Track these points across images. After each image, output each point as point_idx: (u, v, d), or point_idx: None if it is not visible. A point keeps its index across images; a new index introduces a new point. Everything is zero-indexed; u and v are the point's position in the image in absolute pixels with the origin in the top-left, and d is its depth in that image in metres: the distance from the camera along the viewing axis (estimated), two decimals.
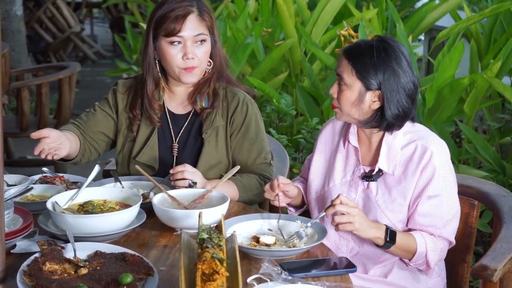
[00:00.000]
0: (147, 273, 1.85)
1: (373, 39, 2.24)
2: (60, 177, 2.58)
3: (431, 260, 2.23)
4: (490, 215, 3.60)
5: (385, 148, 2.26)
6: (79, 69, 5.40)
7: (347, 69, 2.21)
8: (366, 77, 2.18)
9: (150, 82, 2.60)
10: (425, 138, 2.25)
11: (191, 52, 2.51)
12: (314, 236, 2.14)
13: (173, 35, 2.50)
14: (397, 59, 2.19)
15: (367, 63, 2.18)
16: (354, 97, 2.21)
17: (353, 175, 2.33)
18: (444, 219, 2.22)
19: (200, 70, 2.56)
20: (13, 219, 2.12)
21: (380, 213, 2.25)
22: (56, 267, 1.85)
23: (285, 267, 1.92)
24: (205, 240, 1.77)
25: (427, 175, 2.20)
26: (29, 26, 9.42)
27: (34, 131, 4.79)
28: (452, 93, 3.50)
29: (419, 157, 2.22)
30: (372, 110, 2.22)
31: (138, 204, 2.17)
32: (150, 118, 2.62)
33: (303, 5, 4.74)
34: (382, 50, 2.19)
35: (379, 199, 2.26)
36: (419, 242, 2.20)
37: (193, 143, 2.62)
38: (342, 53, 2.26)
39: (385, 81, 2.18)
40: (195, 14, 2.51)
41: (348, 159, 2.36)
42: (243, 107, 2.61)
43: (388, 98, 2.19)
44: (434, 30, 5.85)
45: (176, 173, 2.41)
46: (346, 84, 2.21)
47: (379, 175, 2.26)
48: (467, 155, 3.93)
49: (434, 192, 2.21)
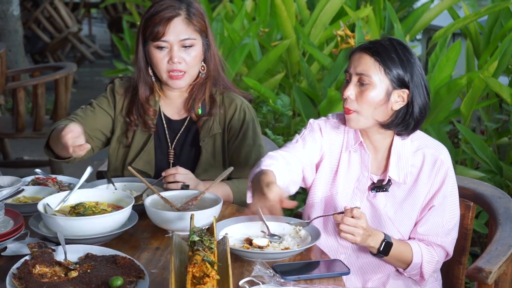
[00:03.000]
0: (137, 276, 1.83)
1: (383, 38, 2.18)
2: (52, 179, 2.56)
3: (426, 272, 2.20)
4: (486, 216, 3.59)
5: (394, 156, 2.19)
6: (76, 69, 5.38)
7: (374, 67, 2.10)
8: (397, 75, 2.10)
9: (142, 87, 2.55)
10: (432, 146, 2.21)
11: (177, 56, 2.44)
12: (307, 238, 2.11)
13: (158, 39, 2.44)
14: (414, 56, 2.16)
15: (396, 60, 2.10)
16: (380, 97, 2.11)
17: (358, 182, 2.25)
18: (446, 227, 2.20)
19: (189, 75, 2.50)
20: (3, 221, 2.10)
21: (391, 227, 2.20)
22: (46, 270, 1.83)
23: (277, 270, 1.90)
24: (196, 242, 1.76)
25: (437, 184, 2.18)
26: (26, 26, 9.39)
27: (30, 132, 4.75)
28: (450, 93, 3.48)
29: (431, 167, 2.17)
30: (393, 111, 2.14)
31: (130, 206, 2.14)
32: (145, 124, 2.58)
33: (303, 5, 4.72)
34: (402, 46, 2.13)
35: (388, 211, 2.20)
36: (415, 253, 2.17)
37: (189, 150, 2.59)
38: (361, 51, 2.14)
39: (413, 78, 2.11)
40: (182, 18, 2.45)
41: (355, 165, 2.25)
42: (240, 113, 2.57)
43: (415, 96, 2.12)
44: (431, 30, 5.85)
45: (168, 175, 2.39)
46: (372, 84, 2.11)
47: (389, 185, 2.19)
48: (464, 156, 3.92)
49: (440, 200, 2.18)
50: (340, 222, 2.02)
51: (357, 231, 2.02)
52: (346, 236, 2.04)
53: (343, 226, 2.02)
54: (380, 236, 2.12)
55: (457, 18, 4.72)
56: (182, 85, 2.51)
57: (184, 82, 2.50)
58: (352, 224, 2.01)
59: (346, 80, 2.19)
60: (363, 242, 2.07)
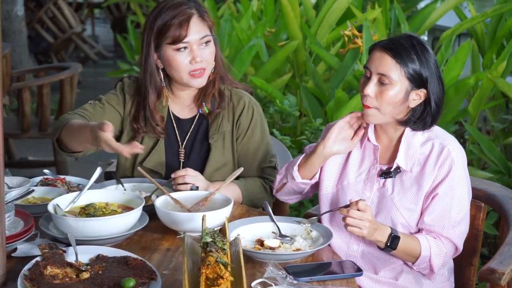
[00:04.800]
0: (149, 277, 1.82)
1: (403, 35, 2.20)
2: (61, 179, 2.56)
3: (435, 265, 2.19)
4: (495, 216, 3.58)
5: (404, 145, 2.22)
6: (81, 69, 5.37)
7: (396, 68, 2.13)
8: (416, 76, 2.13)
9: (152, 92, 2.53)
10: (442, 137, 2.22)
11: (199, 55, 2.45)
12: (319, 239, 2.11)
13: (179, 41, 2.44)
14: (431, 53, 2.18)
15: (415, 60, 2.13)
16: (400, 96, 2.15)
17: (369, 173, 2.28)
18: (453, 219, 2.19)
19: (208, 72, 2.51)
20: (14, 222, 2.10)
21: (395, 211, 2.21)
22: (58, 271, 1.82)
23: (290, 271, 1.89)
24: (209, 244, 1.75)
25: (443, 172, 2.17)
26: (30, 26, 9.39)
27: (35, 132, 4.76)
28: (458, 93, 3.47)
29: (437, 155, 2.18)
30: (409, 108, 2.18)
31: (141, 206, 2.14)
32: (154, 130, 2.56)
33: (309, 6, 4.71)
34: (422, 46, 2.16)
35: (394, 197, 2.22)
36: (423, 246, 2.16)
37: (199, 148, 2.58)
38: (382, 49, 2.16)
39: (431, 78, 2.15)
40: (196, 16, 2.46)
41: (365, 157, 2.30)
42: (249, 110, 2.58)
43: (432, 94, 2.16)
44: (437, 30, 5.83)
45: (177, 177, 2.39)
46: (392, 84, 2.14)
47: (397, 172, 2.22)
48: (471, 156, 3.91)
49: (446, 190, 2.17)
50: (345, 215, 2.05)
51: (363, 224, 2.04)
52: (353, 230, 2.06)
53: (349, 219, 2.05)
54: (387, 230, 2.13)
55: (464, 18, 4.72)
56: (203, 83, 2.51)
57: (204, 79, 2.51)
58: (358, 216, 2.04)
59: (366, 76, 2.21)
60: (370, 235, 2.09)
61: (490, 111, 4.30)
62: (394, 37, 2.21)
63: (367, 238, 2.10)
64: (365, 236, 2.08)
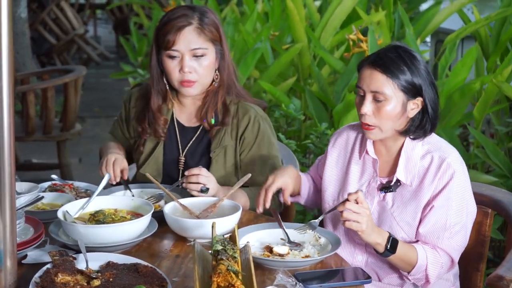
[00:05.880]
0: (160, 284, 1.83)
1: (389, 47, 2.20)
2: (69, 185, 2.56)
3: (431, 275, 2.18)
4: (500, 220, 3.58)
5: (403, 158, 2.22)
6: (85, 72, 5.38)
7: (388, 83, 2.13)
8: (410, 86, 2.13)
9: (155, 95, 2.56)
10: (442, 149, 2.22)
11: (188, 65, 2.45)
12: (327, 246, 2.11)
13: (169, 48, 2.44)
14: (420, 60, 2.18)
15: (406, 71, 2.13)
16: (397, 109, 2.15)
17: (369, 186, 2.29)
18: (449, 231, 2.18)
19: (201, 84, 2.50)
20: (24, 229, 2.10)
21: (395, 226, 2.21)
22: (69, 279, 1.82)
23: (299, 278, 1.90)
24: (220, 252, 1.75)
25: (441, 185, 2.17)
26: (32, 28, 9.39)
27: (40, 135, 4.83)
28: (463, 97, 3.48)
29: (436, 168, 2.18)
30: (408, 118, 2.18)
31: (150, 213, 2.14)
32: (155, 132, 2.58)
33: (313, 9, 4.72)
34: (409, 55, 2.16)
35: (394, 211, 2.22)
36: (420, 254, 2.16)
37: (199, 160, 2.57)
38: (371, 67, 2.15)
39: (424, 85, 2.15)
40: (193, 27, 2.44)
41: (364, 170, 2.30)
42: (254, 125, 2.55)
43: (429, 100, 2.16)
44: (440, 33, 5.84)
45: (191, 175, 2.38)
46: (387, 99, 2.14)
47: (397, 186, 2.22)
48: (476, 160, 3.91)
49: (442, 202, 2.17)
50: (343, 209, 2.03)
51: (361, 218, 2.02)
52: (351, 224, 2.03)
53: (347, 213, 2.03)
54: (385, 233, 2.13)
55: (467, 21, 4.72)
56: (193, 93, 2.51)
57: (195, 90, 2.50)
58: (355, 209, 2.02)
59: (360, 95, 2.21)
60: (369, 233, 2.06)
61: (494, 114, 4.31)
62: (380, 50, 2.21)
63: (366, 237, 2.08)
64: (364, 232, 2.05)
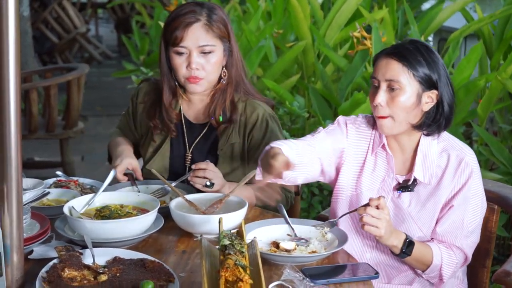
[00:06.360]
0: (167, 279, 1.83)
1: (406, 41, 2.19)
2: (74, 181, 2.56)
3: (445, 274, 2.19)
4: (504, 217, 3.58)
5: (420, 156, 2.19)
6: (88, 70, 5.38)
7: (403, 71, 2.11)
8: (425, 77, 2.12)
9: (166, 91, 2.55)
10: (458, 148, 2.21)
11: (195, 62, 2.43)
12: (334, 242, 2.11)
13: (177, 44, 2.43)
14: (438, 55, 2.17)
15: (422, 62, 2.12)
16: (411, 100, 2.13)
17: (383, 183, 2.26)
18: (466, 229, 2.18)
19: (208, 82, 2.49)
20: (30, 224, 2.10)
21: (413, 225, 2.20)
22: (75, 274, 1.82)
23: (306, 273, 1.90)
24: (227, 246, 1.75)
25: (460, 184, 2.17)
26: (34, 26, 9.39)
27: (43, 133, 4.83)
28: (468, 94, 3.48)
29: (455, 168, 2.17)
30: (423, 112, 2.16)
31: (156, 209, 2.14)
32: (167, 128, 2.58)
33: (317, 7, 4.71)
34: (427, 48, 2.15)
35: (412, 210, 2.20)
36: (436, 254, 2.16)
37: (206, 157, 2.55)
38: (387, 56, 2.14)
39: (440, 78, 2.14)
40: (202, 24, 2.43)
41: (376, 164, 2.27)
42: (262, 123, 2.54)
43: (443, 95, 2.15)
44: (443, 31, 5.84)
45: (198, 170, 2.37)
46: (402, 88, 2.12)
47: (415, 185, 2.20)
48: (480, 157, 3.90)
49: (460, 201, 2.17)
50: (363, 213, 2.01)
51: (381, 223, 2.01)
52: (370, 229, 2.02)
53: (366, 217, 2.01)
54: (402, 235, 2.11)
55: (470, 19, 4.72)
56: (199, 90, 2.50)
57: (201, 87, 2.49)
58: (376, 215, 2.00)
59: (374, 85, 2.19)
60: (387, 237, 2.06)
61: (497, 112, 4.30)
62: (397, 43, 2.20)
63: (384, 241, 2.08)
64: (382, 237, 2.05)
